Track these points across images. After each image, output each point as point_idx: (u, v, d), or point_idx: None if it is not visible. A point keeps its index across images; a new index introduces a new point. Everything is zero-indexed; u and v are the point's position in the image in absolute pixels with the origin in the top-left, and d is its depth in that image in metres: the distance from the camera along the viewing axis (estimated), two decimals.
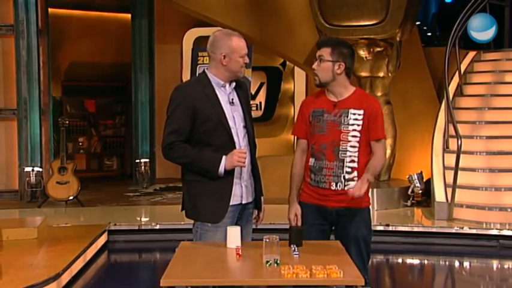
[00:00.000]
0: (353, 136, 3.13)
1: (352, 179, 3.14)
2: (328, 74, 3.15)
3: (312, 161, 3.21)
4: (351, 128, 3.13)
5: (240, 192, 3.09)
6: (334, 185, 3.15)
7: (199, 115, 3.01)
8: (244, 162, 2.99)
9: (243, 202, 3.12)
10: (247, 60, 3.09)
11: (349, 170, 3.14)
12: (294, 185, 3.30)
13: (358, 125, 3.13)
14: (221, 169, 2.98)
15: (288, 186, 3.32)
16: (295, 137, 3.38)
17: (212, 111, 3.02)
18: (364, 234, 3.20)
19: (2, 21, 8.30)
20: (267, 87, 10.01)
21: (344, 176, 3.14)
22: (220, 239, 3.00)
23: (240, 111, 3.13)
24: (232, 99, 3.11)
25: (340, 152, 3.13)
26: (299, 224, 3.21)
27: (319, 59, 3.16)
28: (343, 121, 3.14)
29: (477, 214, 6.45)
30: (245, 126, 3.13)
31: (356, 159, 3.14)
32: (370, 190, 3.09)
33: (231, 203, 3.05)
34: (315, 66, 3.18)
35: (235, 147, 3.03)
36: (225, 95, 3.10)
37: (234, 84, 3.13)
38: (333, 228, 3.27)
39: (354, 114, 3.14)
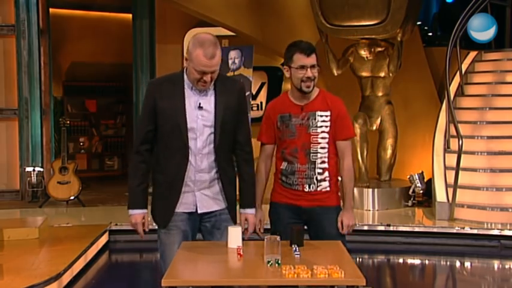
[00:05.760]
0: (322, 138, 3.19)
1: (324, 180, 3.21)
2: (317, 77, 3.19)
3: (284, 164, 3.26)
4: (319, 130, 3.18)
5: (192, 201, 3.00)
6: (307, 187, 3.21)
7: (159, 115, 2.95)
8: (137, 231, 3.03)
9: (199, 211, 3.02)
10: (206, 79, 2.86)
11: (321, 171, 3.20)
12: (258, 191, 3.28)
13: (326, 127, 3.19)
14: (130, 212, 3.03)
15: None
16: (260, 143, 3.36)
17: (171, 113, 2.92)
18: (339, 232, 3.22)
19: (3, 22, 8.32)
20: (268, 87, 10.01)
21: (316, 178, 3.20)
22: (173, 242, 2.98)
23: (210, 116, 2.94)
24: (200, 103, 2.94)
25: (311, 155, 3.19)
26: (262, 230, 3.23)
27: (313, 67, 3.13)
28: (311, 124, 3.18)
29: (478, 214, 6.44)
30: (213, 133, 2.95)
31: (326, 159, 3.21)
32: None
33: (180, 210, 3.00)
34: (314, 74, 3.13)
35: (188, 153, 2.94)
36: (194, 97, 2.95)
37: (210, 87, 2.95)
38: (307, 227, 3.28)
39: (321, 116, 3.19)
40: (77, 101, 10.81)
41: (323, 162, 3.20)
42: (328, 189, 3.22)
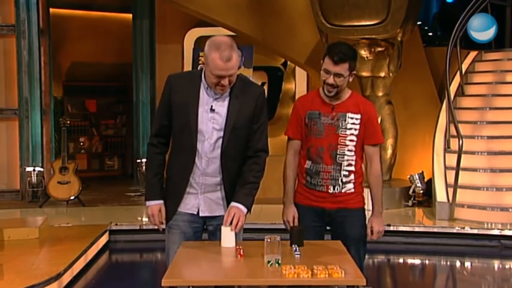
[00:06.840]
0: (350, 140, 3.15)
1: (349, 182, 3.18)
2: (344, 85, 3.13)
3: (308, 163, 3.22)
4: (348, 132, 3.14)
5: (195, 204, 2.98)
6: (331, 188, 3.17)
7: (173, 110, 2.92)
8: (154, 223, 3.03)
9: (201, 215, 2.99)
10: (224, 82, 2.77)
11: (347, 173, 3.17)
12: (289, 186, 3.29)
13: (356, 130, 3.15)
14: (147, 204, 3.03)
15: None
16: (287, 137, 3.34)
17: (183, 111, 2.88)
18: (362, 234, 3.22)
19: (3, 21, 8.31)
20: (268, 87, 10.02)
21: (341, 179, 3.17)
22: (173, 241, 2.98)
23: (221, 120, 2.88)
24: (212, 106, 2.88)
25: (337, 156, 3.15)
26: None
27: (337, 76, 3.06)
28: (340, 125, 3.14)
29: (478, 214, 6.45)
30: (222, 138, 2.89)
31: (353, 162, 3.18)
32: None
33: (183, 210, 2.98)
34: (338, 82, 3.06)
35: (195, 155, 2.90)
36: (208, 98, 2.89)
37: (227, 91, 2.87)
38: (329, 228, 3.27)
39: (352, 118, 3.15)
40: (77, 101, 10.81)
41: (350, 165, 3.16)
42: (352, 190, 3.19)
